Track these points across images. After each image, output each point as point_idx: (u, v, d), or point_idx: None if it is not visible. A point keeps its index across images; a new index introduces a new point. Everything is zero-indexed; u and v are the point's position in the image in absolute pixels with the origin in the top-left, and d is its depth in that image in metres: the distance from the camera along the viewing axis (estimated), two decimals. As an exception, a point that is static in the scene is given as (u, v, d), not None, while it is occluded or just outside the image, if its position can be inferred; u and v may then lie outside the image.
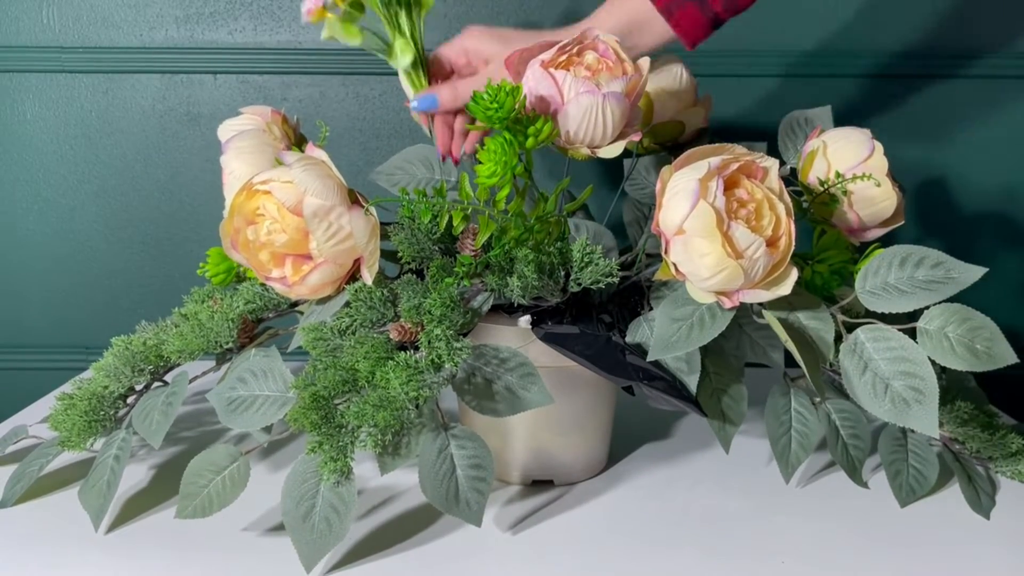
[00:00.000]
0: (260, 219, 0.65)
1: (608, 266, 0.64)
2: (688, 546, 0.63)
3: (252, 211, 0.65)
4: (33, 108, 1.10)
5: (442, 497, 0.59)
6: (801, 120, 0.80)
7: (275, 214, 0.64)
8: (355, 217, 0.64)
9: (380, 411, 0.56)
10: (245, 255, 0.67)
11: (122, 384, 0.70)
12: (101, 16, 1.08)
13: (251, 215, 0.65)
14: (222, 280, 0.75)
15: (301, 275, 0.65)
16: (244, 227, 0.66)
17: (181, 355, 0.69)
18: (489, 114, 0.58)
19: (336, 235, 0.64)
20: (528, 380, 0.62)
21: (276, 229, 0.64)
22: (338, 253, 0.64)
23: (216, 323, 0.69)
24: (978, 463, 0.73)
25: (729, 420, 0.68)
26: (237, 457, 0.63)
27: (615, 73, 0.63)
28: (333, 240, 0.64)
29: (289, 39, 1.10)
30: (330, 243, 0.64)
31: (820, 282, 0.68)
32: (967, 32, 1.09)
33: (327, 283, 0.66)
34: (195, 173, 1.13)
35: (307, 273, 0.65)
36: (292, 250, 0.65)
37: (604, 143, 0.65)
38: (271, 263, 0.66)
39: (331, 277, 0.66)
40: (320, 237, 0.63)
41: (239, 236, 0.66)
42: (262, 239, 0.65)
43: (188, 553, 0.61)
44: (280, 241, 0.64)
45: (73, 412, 0.67)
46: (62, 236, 1.14)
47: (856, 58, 1.10)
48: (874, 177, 0.68)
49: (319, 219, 0.63)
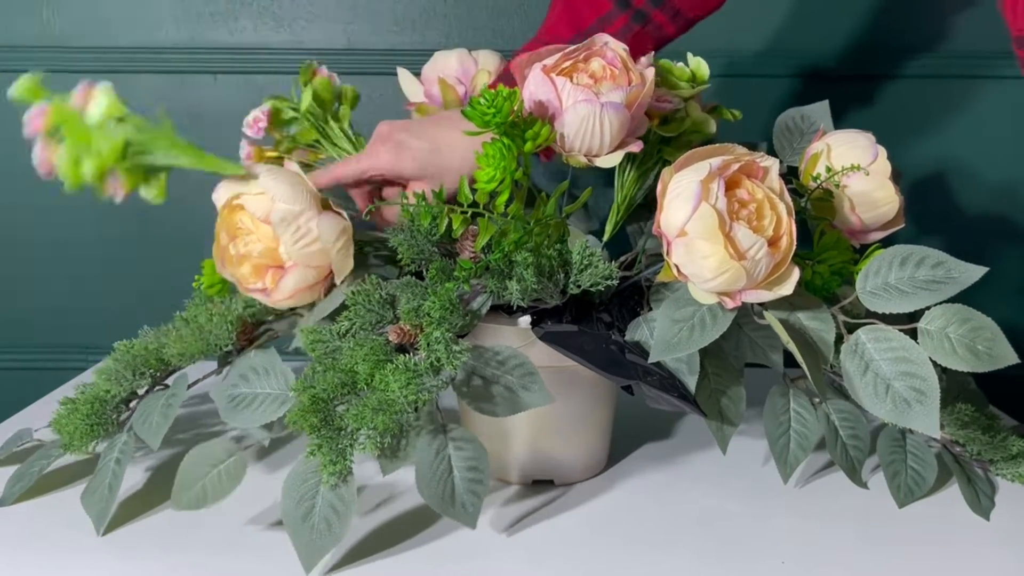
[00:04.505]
0: (240, 233, 0.66)
1: (608, 268, 0.64)
2: (687, 546, 0.63)
3: (234, 226, 0.66)
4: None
5: (438, 498, 0.59)
6: (797, 118, 0.80)
7: (250, 225, 0.65)
8: (324, 220, 0.65)
9: (379, 414, 0.56)
10: (231, 270, 0.68)
11: (123, 388, 0.70)
12: (101, 16, 1.08)
13: (233, 230, 0.66)
14: (218, 291, 0.75)
15: (276, 281, 0.66)
16: (228, 243, 0.67)
17: (181, 358, 0.70)
18: (487, 119, 0.58)
19: (304, 238, 0.65)
20: (528, 380, 0.62)
21: (252, 240, 0.65)
22: (307, 256, 0.65)
23: (215, 325, 0.69)
24: (977, 465, 0.73)
25: (727, 420, 0.68)
26: (234, 452, 0.64)
27: (619, 82, 0.63)
28: (301, 243, 0.65)
29: (289, 39, 1.10)
30: (298, 246, 0.65)
31: (820, 282, 0.68)
32: (967, 32, 1.09)
33: (303, 288, 0.67)
34: (195, 173, 1.12)
35: (280, 279, 0.65)
36: (269, 260, 0.66)
37: (602, 152, 0.64)
38: (252, 275, 0.67)
39: (306, 281, 0.66)
40: (288, 241, 0.64)
41: (225, 253, 0.67)
42: (242, 252, 0.66)
43: (187, 553, 0.61)
44: (257, 251, 0.65)
45: (75, 416, 0.67)
46: (62, 236, 1.14)
47: (856, 58, 1.10)
48: (874, 176, 0.68)
49: (287, 223, 0.64)
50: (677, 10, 0.71)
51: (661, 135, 0.70)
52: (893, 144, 0.72)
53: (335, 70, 1.10)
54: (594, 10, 0.71)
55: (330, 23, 1.10)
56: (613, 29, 0.70)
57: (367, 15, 1.10)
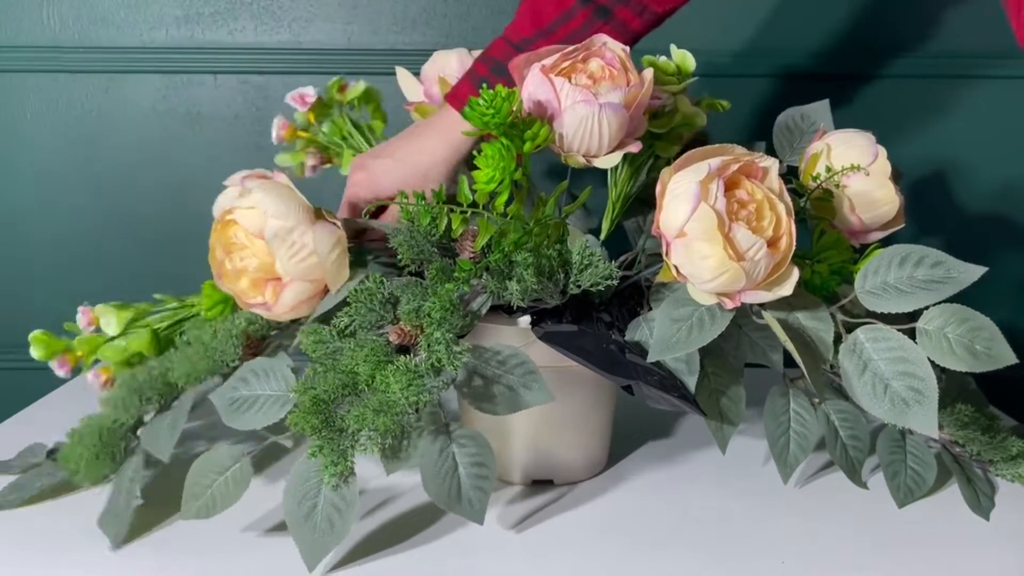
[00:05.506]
0: (235, 248, 0.65)
1: (608, 268, 0.64)
2: (687, 546, 0.63)
3: (228, 241, 0.66)
4: (33, 108, 1.10)
5: (445, 495, 0.59)
6: (797, 117, 0.80)
7: (244, 240, 0.65)
8: (318, 231, 0.65)
9: (380, 415, 0.57)
10: (229, 285, 0.67)
11: (130, 415, 0.69)
12: (101, 16, 1.08)
13: (228, 245, 0.66)
14: (219, 312, 0.74)
15: (276, 296, 0.65)
16: (224, 258, 0.66)
17: (188, 379, 0.69)
18: (485, 119, 0.58)
19: (299, 253, 0.64)
20: (529, 378, 0.62)
21: (247, 255, 0.65)
22: (305, 270, 0.65)
23: (220, 341, 0.69)
24: (977, 465, 0.73)
25: (727, 420, 0.68)
26: (239, 457, 0.64)
27: (618, 83, 0.63)
28: (296, 258, 0.64)
29: (289, 39, 1.10)
30: (294, 261, 0.64)
31: (819, 282, 0.68)
32: (967, 32, 1.09)
33: (303, 301, 0.66)
34: (195, 173, 1.13)
35: (279, 293, 0.65)
36: (266, 274, 0.65)
37: (600, 153, 0.64)
38: (251, 290, 0.66)
39: (306, 294, 0.66)
40: (283, 256, 0.64)
41: (222, 268, 0.67)
42: (238, 267, 0.65)
43: (190, 553, 0.61)
44: (252, 266, 0.65)
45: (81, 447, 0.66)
46: (62, 236, 1.14)
47: (856, 58, 1.10)
48: (874, 176, 0.68)
49: (280, 239, 0.63)
50: (644, 5, 0.70)
51: (651, 131, 0.70)
52: (893, 144, 0.72)
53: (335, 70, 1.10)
54: (557, 5, 0.70)
55: (330, 23, 1.10)
56: (575, 24, 0.69)
57: (367, 15, 1.10)
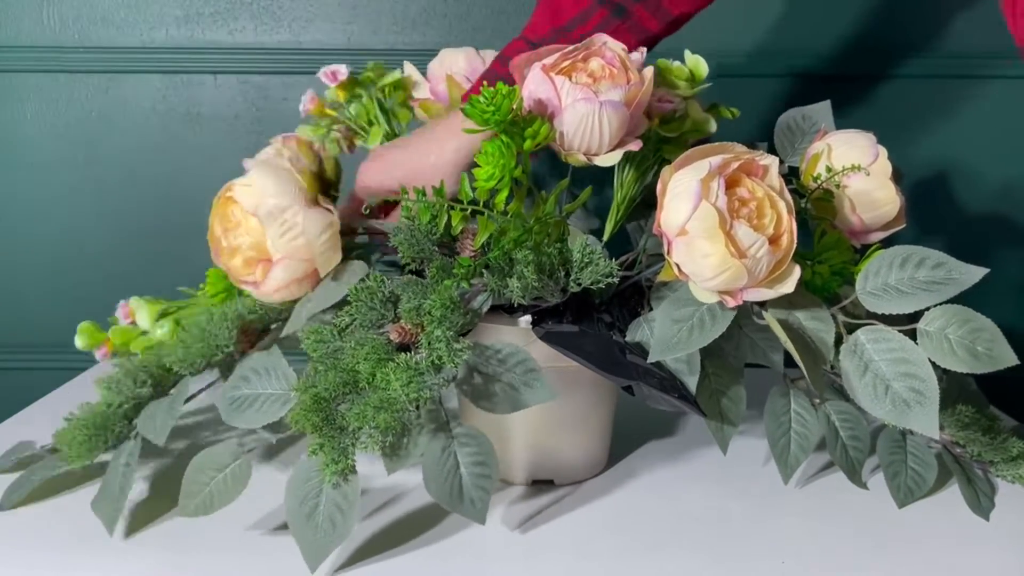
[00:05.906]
0: (232, 225, 0.67)
1: (608, 266, 0.64)
2: (688, 545, 0.63)
3: (226, 218, 0.67)
4: (33, 108, 1.10)
5: (447, 495, 0.59)
6: (798, 117, 0.80)
7: (240, 218, 0.66)
8: (310, 214, 0.66)
9: (381, 413, 0.56)
10: (224, 262, 0.68)
11: (125, 398, 0.69)
12: (101, 16, 1.08)
13: (226, 222, 0.67)
14: (223, 299, 0.75)
15: (265, 274, 0.66)
16: (221, 235, 0.67)
17: (183, 363, 0.69)
18: (486, 117, 0.58)
19: (289, 231, 0.65)
20: (530, 377, 0.62)
21: (242, 232, 0.66)
22: (294, 249, 0.66)
23: (215, 325, 0.69)
24: (978, 466, 0.73)
25: (728, 421, 0.68)
26: (239, 455, 0.64)
27: (618, 81, 0.63)
28: (287, 237, 0.65)
29: (289, 39, 1.10)
30: (284, 239, 0.65)
31: (820, 282, 0.68)
32: (967, 32, 1.09)
33: (292, 281, 0.67)
34: (195, 173, 1.13)
35: (269, 271, 0.66)
36: (259, 253, 0.66)
37: (601, 151, 0.64)
38: (244, 268, 0.67)
39: (295, 274, 0.67)
40: (273, 234, 0.65)
41: (219, 245, 0.68)
42: (233, 244, 0.67)
43: (191, 553, 0.61)
44: (246, 244, 0.66)
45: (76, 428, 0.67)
46: (62, 236, 1.14)
47: (856, 58, 1.10)
48: (875, 177, 0.68)
49: (272, 217, 0.65)
50: (658, 4, 0.70)
51: (661, 135, 0.70)
52: (894, 144, 0.72)
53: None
54: (575, 5, 0.70)
55: (330, 23, 1.10)
56: (592, 24, 0.69)
57: (367, 15, 1.10)
